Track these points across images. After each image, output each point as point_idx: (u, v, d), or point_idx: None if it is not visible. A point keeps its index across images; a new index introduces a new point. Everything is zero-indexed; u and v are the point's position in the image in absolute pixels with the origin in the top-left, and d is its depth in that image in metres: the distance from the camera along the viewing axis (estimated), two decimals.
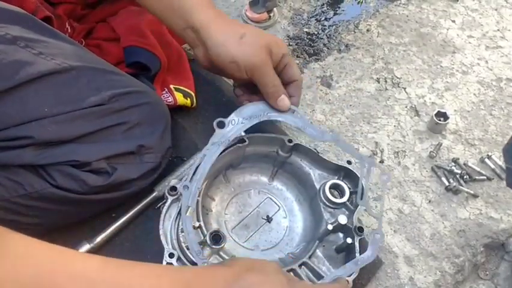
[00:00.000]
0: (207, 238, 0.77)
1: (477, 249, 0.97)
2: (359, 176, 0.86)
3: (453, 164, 1.06)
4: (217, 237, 0.77)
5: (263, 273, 0.63)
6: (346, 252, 0.84)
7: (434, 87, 1.21)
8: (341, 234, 0.86)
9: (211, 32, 0.81)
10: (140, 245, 0.88)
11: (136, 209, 0.89)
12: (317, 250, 0.85)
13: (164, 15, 0.86)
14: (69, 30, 0.96)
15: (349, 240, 0.80)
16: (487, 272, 0.99)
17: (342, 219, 0.82)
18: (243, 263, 0.65)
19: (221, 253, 0.78)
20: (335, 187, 0.88)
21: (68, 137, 0.76)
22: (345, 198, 0.87)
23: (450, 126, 1.13)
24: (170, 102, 0.98)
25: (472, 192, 1.02)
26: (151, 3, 0.85)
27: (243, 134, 0.96)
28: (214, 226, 0.87)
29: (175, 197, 0.79)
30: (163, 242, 0.76)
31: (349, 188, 0.88)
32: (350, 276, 0.77)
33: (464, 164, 1.06)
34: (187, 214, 0.75)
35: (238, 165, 0.94)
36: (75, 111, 0.76)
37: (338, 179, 0.90)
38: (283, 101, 0.86)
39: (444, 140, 1.11)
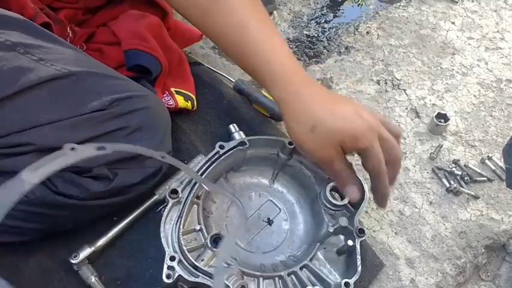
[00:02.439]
0: (208, 241, 0.77)
1: (478, 251, 0.97)
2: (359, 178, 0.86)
3: (453, 165, 1.06)
4: (217, 240, 0.78)
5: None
6: (347, 254, 0.85)
7: (434, 88, 1.21)
8: (341, 237, 0.86)
9: (286, 116, 0.75)
10: (141, 248, 0.88)
11: (136, 213, 0.89)
12: (318, 252, 0.85)
13: (249, 74, 0.81)
14: (70, 35, 0.96)
15: (350, 243, 0.80)
16: (489, 274, 0.99)
17: (343, 222, 0.82)
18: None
19: None
20: (335, 189, 0.89)
21: (69, 143, 0.76)
22: (345, 201, 0.87)
23: (450, 127, 1.13)
24: (171, 105, 0.98)
25: (472, 193, 1.02)
26: (236, 63, 0.81)
27: (242, 134, 0.97)
28: (215, 229, 0.87)
29: (176, 200, 0.79)
30: (164, 245, 0.76)
31: None
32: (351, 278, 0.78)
33: (465, 166, 1.06)
34: None
35: (239, 168, 0.94)
36: (76, 117, 0.75)
37: None
38: (351, 191, 0.80)
39: (445, 141, 1.11)
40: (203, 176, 0.83)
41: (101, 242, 0.84)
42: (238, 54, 0.77)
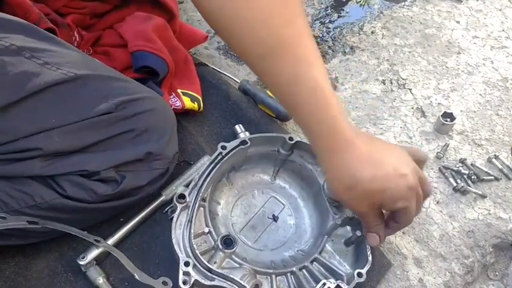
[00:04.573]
0: (218, 243, 0.77)
1: (486, 250, 0.96)
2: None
3: (460, 164, 1.06)
4: (228, 241, 0.78)
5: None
6: (355, 245, 0.85)
7: (440, 88, 1.21)
8: (348, 228, 0.87)
9: (326, 168, 0.74)
10: (149, 249, 0.88)
11: (143, 214, 0.89)
12: (326, 245, 0.86)
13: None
14: (77, 39, 0.96)
15: (358, 233, 0.81)
16: (497, 273, 0.98)
17: (349, 213, 0.83)
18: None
19: (233, 256, 0.78)
20: None
21: (77, 147, 0.76)
22: None
23: (456, 126, 1.13)
24: (178, 106, 0.98)
25: (480, 192, 1.01)
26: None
27: (247, 134, 0.97)
28: (223, 230, 0.87)
29: (184, 204, 0.80)
30: (177, 250, 0.76)
31: None
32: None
33: (472, 165, 1.06)
34: None
35: (240, 167, 0.94)
36: (83, 120, 0.75)
37: None
38: (372, 239, 0.79)
39: (451, 140, 1.10)
40: (207, 179, 0.83)
41: (108, 243, 0.84)
42: (292, 105, 0.71)
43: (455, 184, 1.02)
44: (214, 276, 0.74)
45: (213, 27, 0.71)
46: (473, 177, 1.03)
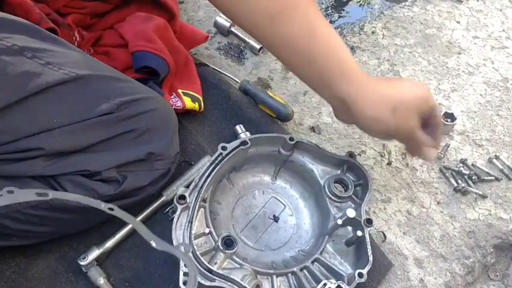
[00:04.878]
0: (219, 243, 0.77)
1: (487, 250, 0.96)
2: (361, 168, 0.89)
3: (461, 164, 1.06)
4: (228, 242, 0.78)
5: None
6: (356, 245, 0.85)
7: (441, 88, 1.21)
8: (349, 228, 0.87)
9: (361, 107, 0.78)
10: (149, 249, 0.87)
11: (144, 214, 0.89)
12: (327, 245, 0.86)
13: (308, 80, 0.83)
14: (78, 39, 0.96)
15: (359, 233, 0.81)
16: (497, 273, 0.98)
17: (351, 213, 0.83)
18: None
19: (234, 257, 0.78)
20: (339, 181, 0.89)
21: (78, 147, 0.76)
22: (350, 192, 0.88)
23: (457, 127, 1.12)
24: (179, 106, 0.98)
25: (480, 192, 1.01)
26: (296, 70, 0.83)
27: (248, 135, 0.97)
28: (223, 230, 0.87)
29: (184, 205, 0.80)
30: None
31: (353, 181, 0.89)
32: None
33: (472, 165, 1.06)
34: None
35: (241, 168, 0.94)
36: (84, 120, 0.76)
37: (341, 172, 0.91)
38: (430, 153, 0.85)
39: (452, 141, 1.10)
40: (208, 179, 0.83)
41: (109, 243, 0.84)
42: (305, 60, 0.77)
43: (455, 184, 1.02)
44: (214, 277, 0.74)
45: None
46: (473, 177, 1.03)
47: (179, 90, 1.01)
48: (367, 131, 0.85)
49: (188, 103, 0.99)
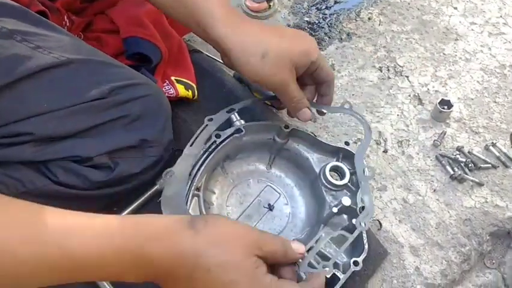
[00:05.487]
0: None
1: (483, 238, 0.96)
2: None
3: (457, 152, 1.05)
4: None
5: (227, 254, 0.58)
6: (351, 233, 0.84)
7: (437, 75, 1.19)
8: (345, 216, 0.86)
9: (233, 51, 0.77)
10: None
11: (137, 203, 0.88)
12: (322, 234, 0.85)
13: (186, 24, 0.84)
14: (67, 24, 0.94)
15: (355, 221, 0.81)
16: (493, 261, 0.98)
17: (346, 201, 0.82)
18: (211, 233, 0.59)
19: None
20: (334, 169, 0.88)
21: (69, 132, 0.75)
22: (346, 180, 0.87)
23: (454, 114, 1.12)
24: (171, 94, 0.96)
25: (477, 180, 1.01)
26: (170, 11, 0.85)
27: (243, 123, 0.95)
28: None
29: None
30: None
31: (349, 169, 0.88)
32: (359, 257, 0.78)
33: (469, 152, 1.05)
34: None
35: (235, 156, 0.93)
36: (75, 105, 0.74)
37: (336, 160, 0.90)
38: (304, 114, 0.86)
39: (449, 128, 1.09)
40: (201, 168, 0.82)
41: None
42: (188, 14, 0.80)
43: (452, 172, 1.01)
44: None
45: None
46: (470, 165, 1.02)
47: (173, 78, 0.99)
48: (249, 78, 0.83)
49: (182, 91, 0.98)
